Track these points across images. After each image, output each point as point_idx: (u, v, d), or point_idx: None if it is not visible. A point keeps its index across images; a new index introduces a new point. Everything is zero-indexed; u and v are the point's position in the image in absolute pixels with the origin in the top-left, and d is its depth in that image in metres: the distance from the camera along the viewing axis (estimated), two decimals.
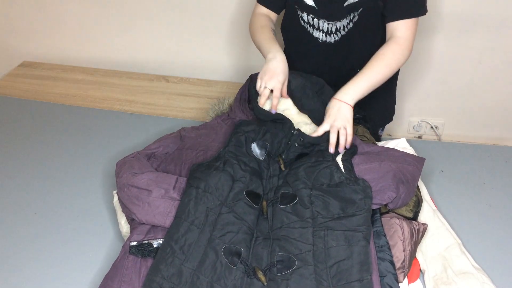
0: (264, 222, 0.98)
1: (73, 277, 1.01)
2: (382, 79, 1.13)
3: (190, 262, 0.88)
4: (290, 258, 0.89)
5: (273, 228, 0.96)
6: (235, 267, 0.88)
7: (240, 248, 0.91)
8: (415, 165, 1.07)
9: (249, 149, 1.09)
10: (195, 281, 0.86)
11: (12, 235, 1.12)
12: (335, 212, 0.95)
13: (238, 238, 0.92)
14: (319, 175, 1.01)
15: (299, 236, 0.92)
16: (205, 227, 0.93)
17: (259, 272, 0.87)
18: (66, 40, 1.99)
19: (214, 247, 0.90)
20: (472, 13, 1.53)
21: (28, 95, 1.73)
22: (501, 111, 1.79)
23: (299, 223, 0.94)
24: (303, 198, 0.98)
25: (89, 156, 1.36)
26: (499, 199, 1.17)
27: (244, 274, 0.88)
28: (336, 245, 0.90)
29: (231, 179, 1.01)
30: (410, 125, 1.92)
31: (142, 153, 1.15)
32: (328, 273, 0.87)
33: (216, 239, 0.92)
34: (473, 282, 0.93)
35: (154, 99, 1.69)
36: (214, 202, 0.97)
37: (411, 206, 1.04)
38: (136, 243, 0.93)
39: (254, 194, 1.01)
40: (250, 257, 0.91)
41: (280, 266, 0.88)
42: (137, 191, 0.99)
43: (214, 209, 0.96)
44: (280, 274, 0.87)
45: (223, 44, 1.81)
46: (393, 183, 0.99)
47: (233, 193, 0.99)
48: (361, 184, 0.99)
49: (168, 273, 0.86)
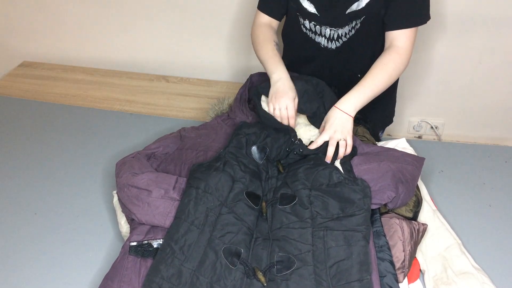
0: (263, 223, 0.98)
1: (73, 277, 1.01)
2: (383, 88, 1.14)
3: (190, 263, 0.88)
4: (289, 258, 0.89)
5: (272, 229, 0.96)
6: (235, 267, 0.88)
7: (239, 249, 0.91)
8: (415, 165, 1.07)
9: (249, 151, 1.10)
10: (194, 282, 0.86)
11: (12, 235, 1.12)
12: (334, 212, 0.96)
13: (238, 238, 0.92)
14: (318, 176, 1.01)
15: (299, 237, 0.92)
16: (205, 228, 0.93)
17: (258, 273, 0.87)
18: (66, 40, 1.99)
19: (213, 247, 0.90)
20: (472, 13, 1.53)
21: (28, 95, 1.73)
22: (501, 111, 1.79)
23: (298, 224, 0.94)
24: (302, 199, 0.98)
25: (89, 156, 1.36)
26: (499, 199, 1.17)
27: (243, 275, 0.88)
28: (335, 245, 0.90)
29: (231, 180, 1.01)
30: (410, 125, 1.92)
31: (142, 153, 1.15)
32: (327, 273, 0.87)
33: (216, 239, 0.91)
34: (473, 282, 0.93)
35: (154, 99, 1.69)
36: (214, 202, 0.97)
37: (411, 206, 1.04)
38: (136, 243, 0.93)
39: (254, 195, 1.00)
40: (249, 258, 0.91)
41: (279, 266, 0.88)
42: (137, 191, 0.99)
43: (214, 210, 0.96)
44: (280, 274, 0.87)
45: (223, 44, 1.81)
46: (392, 182, 0.99)
47: (233, 194, 0.99)
48: (360, 184, 0.99)
49: (168, 274, 0.86)
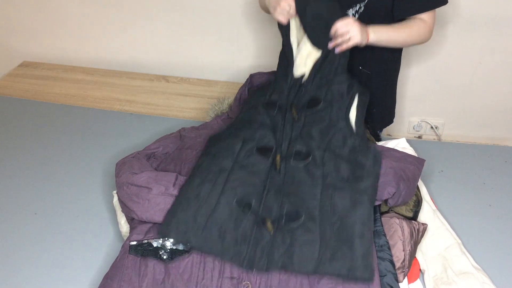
0: (276, 176, 1.02)
1: (73, 277, 1.01)
2: (400, 41, 1.14)
3: (204, 209, 0.94)
4: (297, 212, 0.94)
5: (284, 184, 1.01)
6: (246, 216, 0.93)
7: (251, 199, 0.96)
8: (416, 165, 1.07)
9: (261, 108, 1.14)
10: (208, 227, 0.91)
11: (12, 235, 1.12)
12: (345, 174, 1.00)
13: (250, 190, 0.98)
14: (333, 139, 1.06)
15: (308, 193, 0.97)
16: (218, 180, 0.99)
17: (268, 222, 0.93)
18: (66, 40, 1.99)
19: (226, 197, 0.96)
20: (472, 13, 1.53)
21: (28, 95, 1.73)
22: (501, 111, 1.79)
23: (309, 181, 1.00)
24: (316, 158, 1.03)
25: (89, 156, 1.36)
26: (499, 199, 1.17)
27: (254, 224, 0.93)
28: (341, 204, 0.95)
29: (242, 140, 1.07)
30: (410, 125, 1.92)
31: (142, 153, 1.15)
32: (331, 228, 0.92)
33: (228, 190, 0.97)
34: (473, 282, 0.93)
35: (154, 99, 1.69)
36: (226, 160, 1.03)
37: (411, 206, 1.04)
38: (135, 242, 0.93)
39: (265, 149, 1.06)
40: (261, 208, 0.96)
41: (287, 218, 0.94)
42: (136, 189, 1.00)
43: (226, 166, 1.02)
44: (287, 226, 0.92)
45: (223, 44, 1.81)
46: (394, 179, 1.00)
47: (245, 150, 1.05)
48: (372, 151, 1.03)
49: (184, 217, 0.93)
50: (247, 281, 0.88)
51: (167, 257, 0.91)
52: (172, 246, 0.92)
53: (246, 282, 0.88)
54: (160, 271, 0.90)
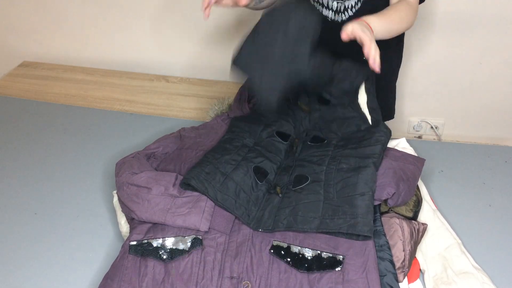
0: (291, 157, 1.12)
1: (73, 277, 1.01)
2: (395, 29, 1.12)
3: (224, 168, 1.02)
4: (304, 176, 1.03)
5: (297, 160, 1.11)
6: (261, 183, 1.02)
7: (267, 171, 1.06)
8: (416, 165, 1.07)
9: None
10: (226, 183, 0.99)
11: (12, 235, 1.12)
12: (353, 143, 1.09)
13: (267, 164, 1.07)
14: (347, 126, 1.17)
15: (317, 161, 1.07)
16: (240, 152, 1.09)
17: (277, 188, 1.02)
18: (66, 40, 1.99)
19: (246, 163, 1.05)
20: (472, 13, 1.53)
21: (28, 95, 1.73)
22: (501, 111, 1.79)
23: (319, 152, 1.10)
24: (331, 141, 1.14)
25: (89, 156, 1.37)
26: (499, 199, 1.17)
27: (266, 191, 1.02)
28: (346, 166, 1.02)
29: (263, 123, 1.19)
30: (410, 125, 1.92)
31: (142, 153, 1.15)
32: (334, 187, 0.98)
33: (247, 159, 1.07)
34: (473, 282, 0.93)
35: (154, 99, 1.69)
36: (249, 139, 1.14)
37: (411, 206, 1.04)
38: (135, 242, 0.93)
39: (284, 134, 1.16)
40: (274, 180, 1.05)
41: (295, 182, 1.02)
42: (136, 189, 1.00)
43: (248, 143, 1.12)
44: (294, 188, 1.00)
45: (223, 44, 1.81)
46: (393, 179, 1.00)
47: (266, 132, 1.16)
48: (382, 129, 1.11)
49: (204, 170, 1.00)
50: (247, 281, 0.88)
51: (167, 257, 0.91)
52: (172, 246, 0.92)
53: (246, 282, 0.88)
54: (160, 271, 0.90)
